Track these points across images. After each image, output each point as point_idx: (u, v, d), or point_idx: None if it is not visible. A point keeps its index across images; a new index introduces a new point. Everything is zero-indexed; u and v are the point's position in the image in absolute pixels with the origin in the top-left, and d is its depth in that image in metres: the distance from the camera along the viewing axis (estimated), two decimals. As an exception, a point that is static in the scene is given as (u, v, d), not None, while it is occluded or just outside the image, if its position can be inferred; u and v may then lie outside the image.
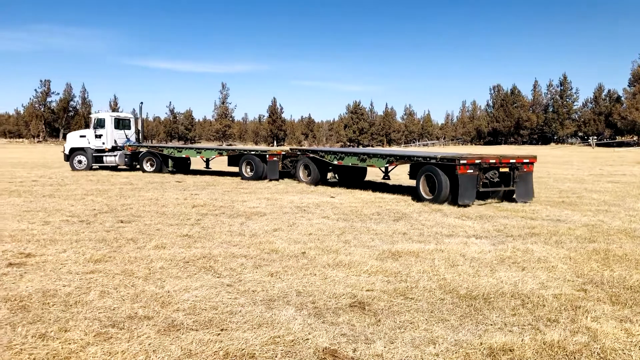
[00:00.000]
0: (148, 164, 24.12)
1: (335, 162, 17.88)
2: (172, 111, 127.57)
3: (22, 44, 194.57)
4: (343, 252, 7.81)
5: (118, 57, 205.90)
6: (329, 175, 19.51)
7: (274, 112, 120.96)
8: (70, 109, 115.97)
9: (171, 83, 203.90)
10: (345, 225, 10.09)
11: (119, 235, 8.83)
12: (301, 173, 19.17)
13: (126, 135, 25.81)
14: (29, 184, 17.61)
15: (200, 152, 23.83)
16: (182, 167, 25.05)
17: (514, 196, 13.91)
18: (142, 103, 27.70)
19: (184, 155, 23.96)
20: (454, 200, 13.11)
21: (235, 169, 22.31)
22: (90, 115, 26.50)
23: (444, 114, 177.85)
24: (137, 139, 26.51)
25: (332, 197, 14.74)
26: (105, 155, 24.71)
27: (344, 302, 5.49)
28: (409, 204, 13.19)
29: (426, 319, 5.01)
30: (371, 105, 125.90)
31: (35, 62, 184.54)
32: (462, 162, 12.83)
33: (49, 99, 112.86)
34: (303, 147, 24.76)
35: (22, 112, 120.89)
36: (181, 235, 8.93)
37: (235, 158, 21.73)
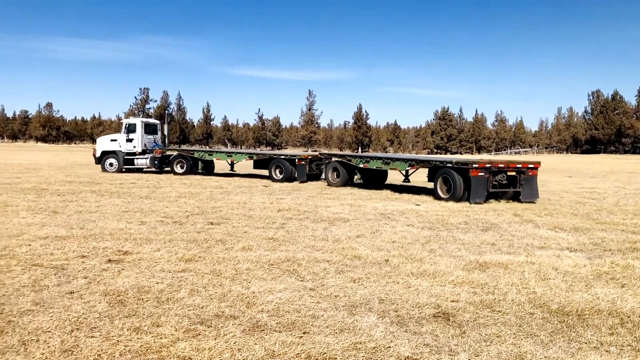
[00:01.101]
0: (178, 166, 25.66)
1: (361, 166, 19.43)
2: (260, 118, 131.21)
3: (124, 54, 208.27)
4: (428, 261, 7.67)
5: (211, 66, 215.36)
6: (355, 177, 20.88)
7: (360, 118, 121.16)
8: (167, 115, 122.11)
9: (260, 90, 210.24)
10: (430, 234, 9.91)
11: (208, 237, 9.18)
12: (330, 175, 20.68)
13: (154, 140, 27.38)
14: (127, 186, 18.72)
15: (230, 156, 25.68)
16: (210, 169, 26.90)
17: (520, 197, 15.38)
18: (166, 110, 29.46)
19: (214, 159, 25.98)
20: (466, 199, 14.91)
21: (259, 171, 25.44)
22: (122, 121, 27.86)
23: (537, 121, 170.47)
24: (163, 143, 27.97)
25: (417, 204, 14.53)
26: (137, 158, 26.21)
27: (428, 312, 5.39)
28: (498, 214, 12.75)
29: (514, 334, 4.81)
30: (460, 111, 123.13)
31: (135, 70, 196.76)
32: (474, 166, 14.64)
33: (147, 106, 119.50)
34: (332, 152, 26.84)
35: (122, 118, 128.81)
36: (267, 238, 9.14)
37: (264, 162, 23.66)
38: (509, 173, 15.30)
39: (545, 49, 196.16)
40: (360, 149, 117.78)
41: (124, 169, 26.17)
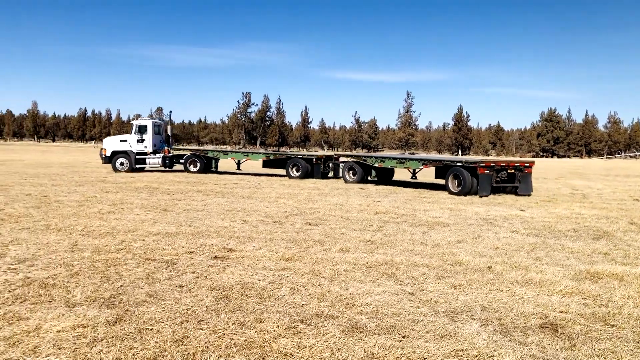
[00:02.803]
0: (191, 166, 26.96)
1: (377, 165, 21.80)
2: (357, 120, 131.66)
3: (227, 60, 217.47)
4: (533, 269, 7.32)
5: (309, 70, 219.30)
6: (370, 176, 22.97)
7: (460, 120, 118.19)
8: (267, 119, 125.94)
9: (357, 93, 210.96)
10: (536, 241, 9.45)
11: (307, 237, 9.34)
12: (346, 174, 22.86)
13: (160, 140, 27.96)
14: (231, 186, 19.51)
15: (247, 155, 27.29)
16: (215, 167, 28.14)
17: (517, 190, 18.12)
18: (170, 111, 30.39)
19: (229, 158, 27.57)
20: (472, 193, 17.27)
21: (270, 170, 27.64)
22: (132, 122, 28.51)
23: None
24: (167, 143, 28.45)
25: (521, 210, 13.92)
26: (148, 158, 26.93)
27: (534, 322, 5.14)
28: (611, 222, 11.91)
29: (631, 350, 4.47)
30: (568, 112, 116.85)
31: (238, 75, 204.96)
32: (481, 164, 17.21)
33: (249, 110, 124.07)
34: (346, 153, 31.24)
35: (226, 121, 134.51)
36: (364, 241, 9.15)
37: (279, 161, 25.80)
38: (509, 171, 18.01)
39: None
40: (460, 151, 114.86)
41: (134, 168, 27.01)
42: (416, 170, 22.21)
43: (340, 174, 23.96)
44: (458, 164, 18.08)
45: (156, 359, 4.11)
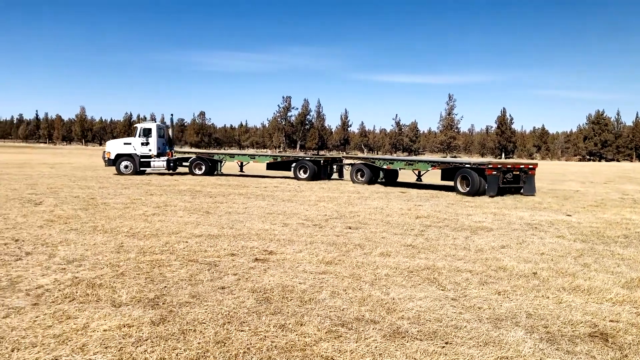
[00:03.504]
0: (196, 169, 27.23)
1: (385, 167, 22.82)
2: (397, 123, 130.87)
3: (268, 65, 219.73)
4: (581, 276, 7.09)
5: (349, 73, 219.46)
6: (378, 178, 23.83)
7: (503, 122, 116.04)
8: (307, 122, 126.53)
9: (398, 96, 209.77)
10: (583, 247, 9.16)
11: (347, 240, 9.32)
12: (354, 175, 23.74)
13: (164, 143, 27.92)
14: (271, 190, 19.66)
15: (254, 158, 28.04)
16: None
17: (522, 191, 19.10)
18: (172, 114, 30.24)
19: (236, 161, 28.23)
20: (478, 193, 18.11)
21: (273, 173, 28.44)
22: (136, 125, 28.47)
23: None
24: (169, 146, 28.38)
25: (568, 215, 13.53)
26: (153, 161, 26.94)
27: (582, 331, 4.98)
28: (663, 228, 11.44)
29: (688, 363, 4.26)
30: (617, 114, 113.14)
31: (278, 80, 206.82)
32: (489, 166, 18.16)
33: (289, 114, 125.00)
34: (356, 155, 34.29)
35: (266, 125, 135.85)
36: (405, 245, 9.06)
37: (283, 164, 26.90)
38: (514, 172, 18.82)
39: None
40: (503, 155, 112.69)
41: (137, 171, 27.00)
42: (421, 173, 23.17)
43: (348, 176, 25.20)
44: (466, 166, 19.07)
45: (199, 359, 4.15)
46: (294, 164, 26.19)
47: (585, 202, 16.96)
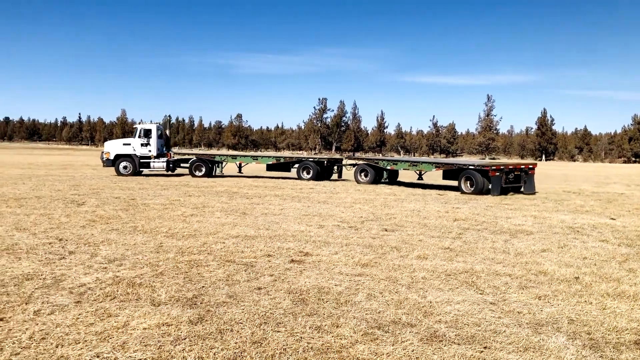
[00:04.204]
0: (197, 170, 27.08)
1: (389, 167, 23.69)
2: (435, 124, 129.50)
3: (304, 67, 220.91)
4: (626, 281, 6.87)
5: (384, 74, 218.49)
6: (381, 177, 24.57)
7: (543, 124, 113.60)
8: (342, 124, 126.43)
9: (435, 97, 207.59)
10: (629, 252, 8.87)
11: (383, 243, 9.26)
12: (358, 175, 24.46)
13: (162, 144, 27.69)
14: (307, 191, 19.71)
15: (256, 159, 28.04)
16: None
17: (522, 190, 20.19)
18: (169, 116, 29.91)
19: (238, 162, 28.30)
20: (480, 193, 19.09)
21: (275, 174, 28.79)
22: (135, 126, 28.14)
23: None
24: (167, 147, 28.20)
25: (612, 218, 13.13)
26: (153, 162, 26.81)
27: (628, 338, 4.81)
28: None
29: None
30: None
31: (314, 81, 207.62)
32: (493, 167, 19.26)
33: (324, 116, 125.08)
34: (361, 156, 34.12)
35: (302, 127, 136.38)
36: (443, 248, 8.94)
37: (283, 165, 27.26)
38: (515, 173, 19.82)
39: None
40: (544, 156, 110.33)
41: (136, 172, 26.92)
42: (422, 173, 24.51)
43: (347, 176, 26.41)
44: (470, 167, 19.96)
45: (236, 359, 4.19)
46: (297, 165, 26.76)
47: (630, 206, 16.44)
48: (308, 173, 25.96)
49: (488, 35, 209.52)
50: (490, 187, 19.23)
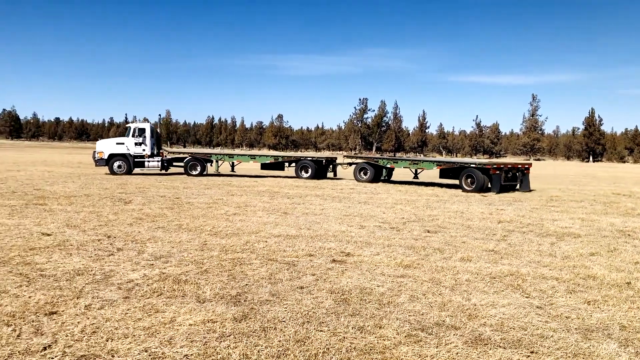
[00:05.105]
0: (192, 170, 27.08)
1: (389, 166, 24.58)
2: (478, 125, 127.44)
3: (344, 67, 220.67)
4: (681, 287, 6.60)
5: (426, 74, 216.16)
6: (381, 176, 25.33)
7: (591, 124, 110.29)
8: (383, 124, 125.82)
9: (478, 97, 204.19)
10: (683, 257, 8.52)
11: (426, 244, 9.17)
12: (357, 174, 25.19)
13: (154, 143, 27.34)
14: (347, 191, 19.70)
15: (254, 158, 28.53)
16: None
17: (518, 187, 21.38)
18: (160, 115, 29.80)
19: (235, 161, 28.61)
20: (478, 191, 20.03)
21: (268, 172, 29.48)
22: (129, 125, 27.91)
23: None
24: (158, 146, 27.87)
25: (664, 222, 12.63)
26: (147, 161, 26.66)
27: (684, 347, 4.62)
28: None
29: None
30: None
31: (355, 82, 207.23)
32: (494, 166, 20.31)
33: (365, 116, 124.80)
34: (356, 155, 34.29)
35: (343, 127, 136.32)
36: (487, 250, 8.79)
37: (277, 164, 27.69)
38: (512, 172, 21.04)
39: None
40: (591, 157, 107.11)
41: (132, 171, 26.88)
42: (419, 172, 25.48)
43: (342, 174, 27.99)
44: (472, 165, 20.93)
45: (279, 357, 4.23)
46: (295, 164, 27.25)
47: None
48: (307, 172, 26.50)
49: (533, 34, 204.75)
50: (489, 185, 20.37)
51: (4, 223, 10.25)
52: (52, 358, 4.12)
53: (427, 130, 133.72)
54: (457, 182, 22.21)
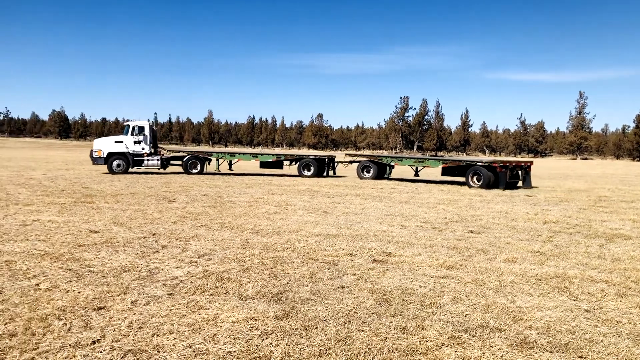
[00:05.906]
0: (192, 168, 27.17)
1: (393, 164, 25.43)
2: (522, 123, 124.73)
3: (384, 65, 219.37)
4: None
5: (471, 72, 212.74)
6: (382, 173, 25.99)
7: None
8: (425, 123, 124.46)
9: (522, 94, 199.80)
10: None
11: (469, 245, 9.02)
12: (361, 172, 25.90)
13: (151, 141, 26.95)
14: (388, 191, 19.58)
15: (256, 157, 28.59)
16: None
17: (520, 184, 22.53)
18: (155, 113, 29.92)
19: (236, 160, 28.95)
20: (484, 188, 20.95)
21: (266, 170, 29.99)
22: (127, 123, 27.45)
23: None
24: (154, 144, 27.49)
25: None
26: (147, 159, 26.35)
27: None
28: None
29: None
30: None
31: (395, 80, 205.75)
32: (500, 164, 21.29)
33: (406, 114, 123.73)
34: (359, 153, 34.75)
35: (383, 126, 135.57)
36: (532, 251, 8.59)
37: (276, 163, 27.84)
38: (516, 170, 22.05)
39: None
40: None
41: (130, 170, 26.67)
42: (420, 169, 25.64)
43: (341, 172, 29.32)
44: (478, 163, 22.02)
45: (321, 356, 4.23)
46: (297, 163, 27.40)
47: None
48: (309, 170, 26.81)
49: (578, 31, 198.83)
50: (494, 181, 21.22)
51: (54, 220, 10.61)
52: (101, 352, 4.24)
53: (469, 129, 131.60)
54: (459, 179, 23.59)
